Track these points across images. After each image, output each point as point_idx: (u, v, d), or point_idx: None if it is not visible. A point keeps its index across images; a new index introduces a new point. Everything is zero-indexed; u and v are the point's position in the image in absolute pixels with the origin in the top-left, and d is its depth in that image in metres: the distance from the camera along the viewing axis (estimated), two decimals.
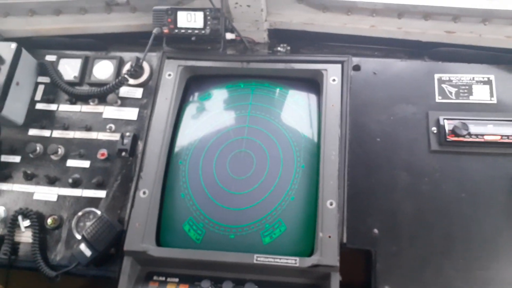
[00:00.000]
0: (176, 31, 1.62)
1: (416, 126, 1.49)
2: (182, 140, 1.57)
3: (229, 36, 1.72)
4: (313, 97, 1.62)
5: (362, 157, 1.46)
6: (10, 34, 1.76)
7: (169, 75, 1.63)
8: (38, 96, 1.66)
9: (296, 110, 1.59)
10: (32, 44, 1.70)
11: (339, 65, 1.60)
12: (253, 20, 1.75)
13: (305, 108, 1.60)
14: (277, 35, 1.83)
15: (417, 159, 1.44)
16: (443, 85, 1.54)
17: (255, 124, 1.55)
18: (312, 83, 1.64)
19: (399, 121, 1.50)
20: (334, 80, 1.57)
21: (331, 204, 1.34)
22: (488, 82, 1.52)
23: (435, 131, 1.46)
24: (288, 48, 1.77)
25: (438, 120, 1.47)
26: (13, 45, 1.57)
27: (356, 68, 1.61)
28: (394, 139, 1.48)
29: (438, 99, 1.52)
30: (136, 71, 1.61)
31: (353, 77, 1.59)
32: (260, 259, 1.28)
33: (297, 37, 1.81)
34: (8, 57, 1.55)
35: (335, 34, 1.77)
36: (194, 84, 1.69)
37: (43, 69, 1.67)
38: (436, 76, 1.56)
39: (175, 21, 1.62)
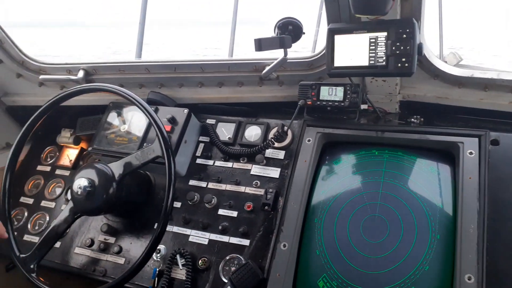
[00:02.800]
0: (318, 103, 1.84)
1: None
2: (318, 200, 1.72)
3: (363, 106, 1.88)
4: (446, 168, 1.66)
5: (503, 234, 1.43)
6: (181, 101, 2.17)
7: (309, 140, 1.83)
8: (198, 152, 1.99)
9: (429, 180, 1.64)
10: (197, 109, 2.07)
11: (476, 139, 1.62)
12: (387, 92, 1.89)
13: (439, 178, 1.64)
14: (409, 106, 1.94)
15: None
16: None
17: (389, 190, 1.63)
18: (445, 154, 1.68)
19: None
20: (471, 153, 1.59)
21: (469, 278, 1.34)
22: None
23: None
24: (422, 119, 1.85)
25: None
26: (186, 111, 1.94)
27: (495, 142, 1.61)
28: None
29: None
30: (281, 136, 1.85)
31: (491, 151, 1.60)
32: None
33: (430, 108, 1.89)
34: (181, 120, 1.92)
35: (471, 108, 1.82)
36: (330, 149, 1.86)
37: (205, 130, 2.01)
38: None
39: (318, 94, 1.84)
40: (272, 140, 1.82)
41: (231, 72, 2.04)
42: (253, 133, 1.97)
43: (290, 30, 1.80)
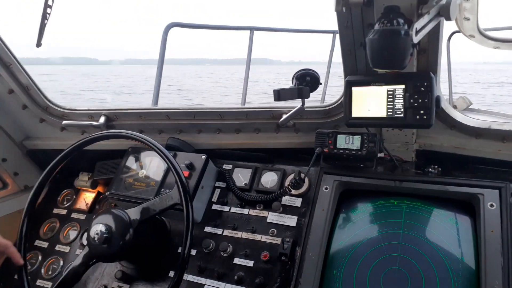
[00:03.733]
0: (335, 151, 1.85)
1: None
2: (336, 251, 1.69)
3: (379, 154, 1.89)
4: (466, 219, 1.64)
5: None
6: (199, 146, 2.20)
7: (326, 188, 1.82)
8: (214, 198, 1.99)
9: (450, 232, 1.61)
10: (214, 155, 2.10)
11: (497, 191, 1.61)
12: (403, 141, 1.91)
13: (459, 230, 1.61)
14: (425, 156, 1.94)
15: None
16: None
17: (409, 242, 1.60)
18: (465, 206, 1.66)
19: None
20: (492, 205, 1.57)
21: None
22: None
23: None
24: (439, 169, 1.85)
25: None
26: (204, 157, 1.96)
27: None
28: None
29: None
30: (298, 183, 1.85)
31: None
32: None
33: (447, 158, 1.89)
34: (199, 166, 1.94)
35: (489, 159, 1.81)
36: (348, 197, 1.85)
37: (221, 175, 2.03)
38: None
39: (334, 142, 1.86)
40: (289, 187, 1.82)
41: (249, 120, 2.08)
42: (269, 179, 1.97)
43: (307, 81, 1.85)
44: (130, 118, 2.19)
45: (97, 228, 1.63)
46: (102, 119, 2.17)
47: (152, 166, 2.02)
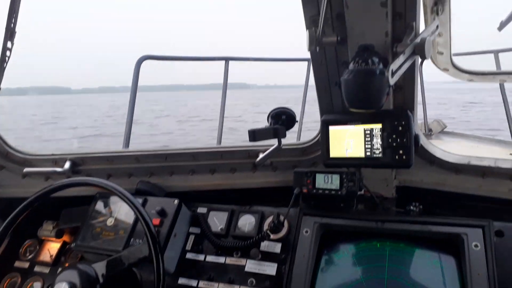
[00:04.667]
0: (314, 191, 1.78)
1: None
2: None
3: (359, 192, 1.82)
4: (450, 260, 1.58)
5: None
6: (172, 189, 2.09)
7: (306, 232, 1.74)
8: (188, 246, 1.87)
9: (435, 275, 1.54)
10: (188, 197, 1.99)
11: (480, 230, 1.56)
12: (383, 178, 1.86)
13: (444, 273, 1.55)
14: (406, 192, 1.89)
15: None
16: None
17: None
18: (449, 245, 1.61)
19: None
20: (476, 246, 1.52)
21: None
22: None
23: None
24: (420, 207, 1.79)
25: None
26: (176, 201, 1.85)
27: (499, 233, 1.56)
28: None
29: None
30: (277, 227, 1.76)
31: (497, 243, 1.53)
32: None
33: (428, 194, 1.85)
34: (171, 212, 1.83)
35: (470, 195, 1.78)
36: (330, 239, 1.77)
37: (195, 220, 1.91)
38: None
39: (313, 182, 1.79)
40: (268, 231, 1.73)
41: (224, 160, 1.99)
42: (247, 222, 1.87)
43: (283, 119, 1.79)
44: (98, 163, 2.07)
45: (61, 286, 1.50)
46: (67, 165, 2.04)
47: (121, 212, 1.89)
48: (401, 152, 1.53)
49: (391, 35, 1.50)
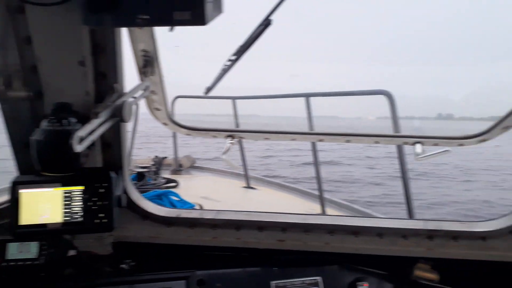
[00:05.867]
0: (5, 264, 1.49)
1: None
2: None
3: (69, 253, 1.66)
4: None
5: None
6: None
7: None
8: None
9: None
10: None
11: (184, 281, 1.64)
12: (97, 236, 1.74)
13: None
14: (123, 247, 1.83)
15: None
16: None
17: None
18: None
19: None
20: None
21: None
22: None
23: None
24: (133, 264, 1.76)
25: None
26: None
27: (201, 283, 1.66)
28: None
29: None
30: None
31: None
32: None
33: (142, 248, 1.84)
34: None
35: (181, 246, 1.87)
36: None
37: None
38: (273, 283, 1.70)
39: (3, 253, 1.51)
40: None
41: None
42: None
43: None
44: None
45: None
46: None
47: None
48: (102, 215, 1.46)
49: (94, 95, 1.44)
